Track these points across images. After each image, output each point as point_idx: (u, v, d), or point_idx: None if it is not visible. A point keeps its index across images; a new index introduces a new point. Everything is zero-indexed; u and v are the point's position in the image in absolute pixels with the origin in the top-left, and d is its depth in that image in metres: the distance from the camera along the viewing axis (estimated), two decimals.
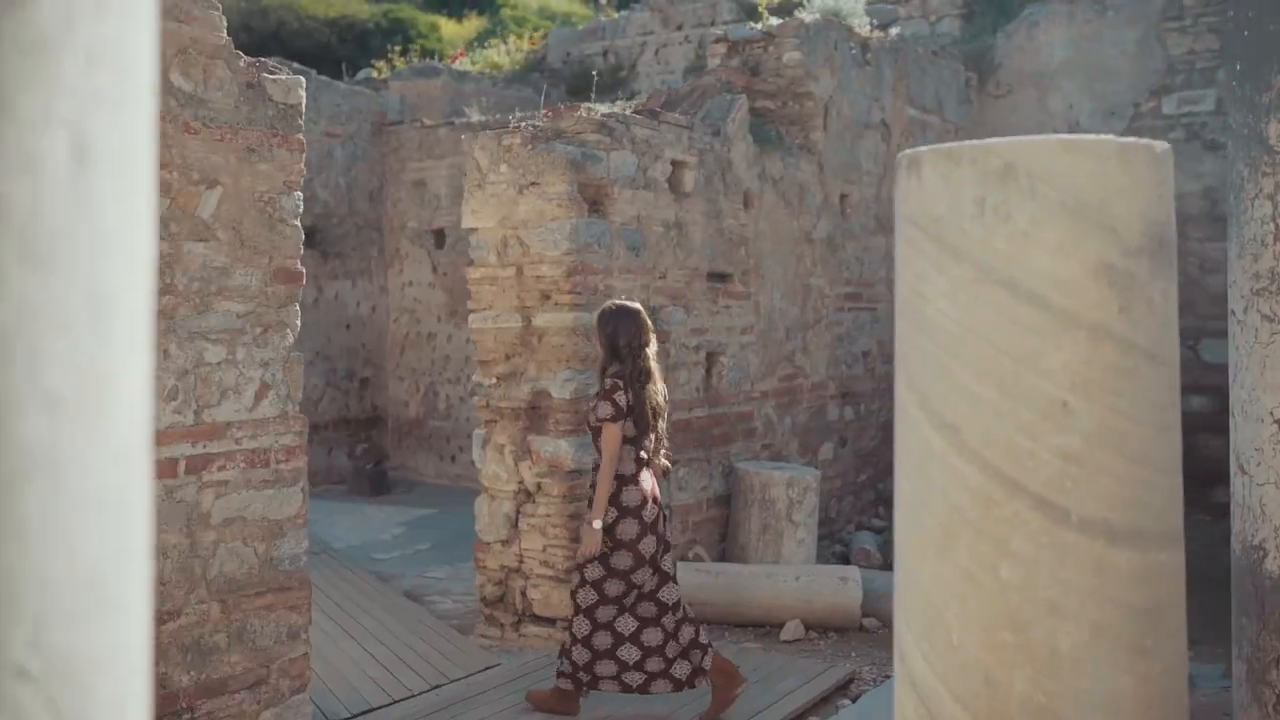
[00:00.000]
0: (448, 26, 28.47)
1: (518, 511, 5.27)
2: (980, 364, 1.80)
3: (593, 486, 4.23)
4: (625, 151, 5.43)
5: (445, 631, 5.41)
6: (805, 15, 7.15)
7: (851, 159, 7.44)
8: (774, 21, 7.17)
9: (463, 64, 13.68)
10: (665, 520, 4.29)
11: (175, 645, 3.43)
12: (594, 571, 4.16)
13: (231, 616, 3.59)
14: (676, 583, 4.31)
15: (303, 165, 3.80)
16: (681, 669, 4.19)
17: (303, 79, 3.83)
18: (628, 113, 5.61)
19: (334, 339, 10.27)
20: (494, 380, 5.32)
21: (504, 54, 13.81)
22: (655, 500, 4.22)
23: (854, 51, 7.42)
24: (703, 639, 4.28)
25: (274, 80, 3.72)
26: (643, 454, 4.20)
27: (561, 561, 5.13)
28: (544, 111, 5.61)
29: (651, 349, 4.26)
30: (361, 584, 6.29)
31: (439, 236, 10.11)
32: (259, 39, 30.34)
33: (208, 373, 3.52)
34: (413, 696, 4.48)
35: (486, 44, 15.85)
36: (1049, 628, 1.77)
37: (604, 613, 4.17)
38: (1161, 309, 1.81)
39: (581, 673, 4.18)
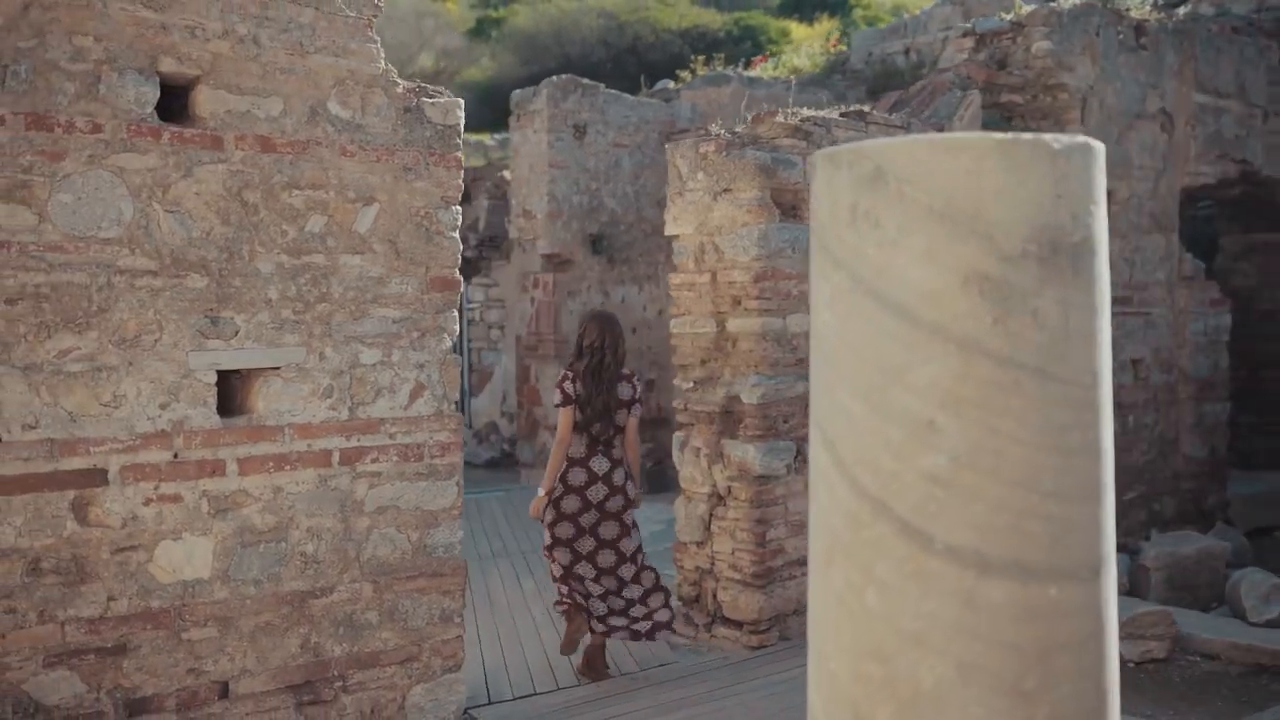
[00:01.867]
0: (799, 30, 28.69)
1: (710, 514, 5.33)
2: (853, 378, 1.72)
3: None
4: None
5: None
6: (1063, 2, 6.69)
7: (1118, 152, 6.87)
8: (1026, 9, 6.76)
9: (764, 69, 13.80)
10: (610, 496, 4.82)
11: (328, 619, 3.80)
12: (546, 536, 4.86)
13: (383, 596, 3.92)
14: (623, 556, 4.87)
15: (460, 181, 4.07)
16: (643, 625, 4.83)
17: (460, 101, 4.10)
18: (832, 115, 5.51)
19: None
20: (691, 384, 5.41)
21: (805, 58, 13.78)
22: (601, 480, 4.80)
23: (1121, 36, 6.84)
24: (661, 584, 4.90)
25: (433, 103, 4.01)
26: (597, 439, 4.81)
27: (749, 565, 5.13)
28: (748, 117, 5.63)
29: (622, 350, 4.90)
30: None
31: None
32: (615, 53, 32.06)
33: (363, 373, 3.86)
34: (576, 686, 4.67)
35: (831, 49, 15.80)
36: (912, 662, 1.67)
37: (560, 560, 4.83)
38: (1055, 320, 1.64)
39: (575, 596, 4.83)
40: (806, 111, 5.48)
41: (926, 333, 1.65)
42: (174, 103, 3.62)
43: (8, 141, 3.18)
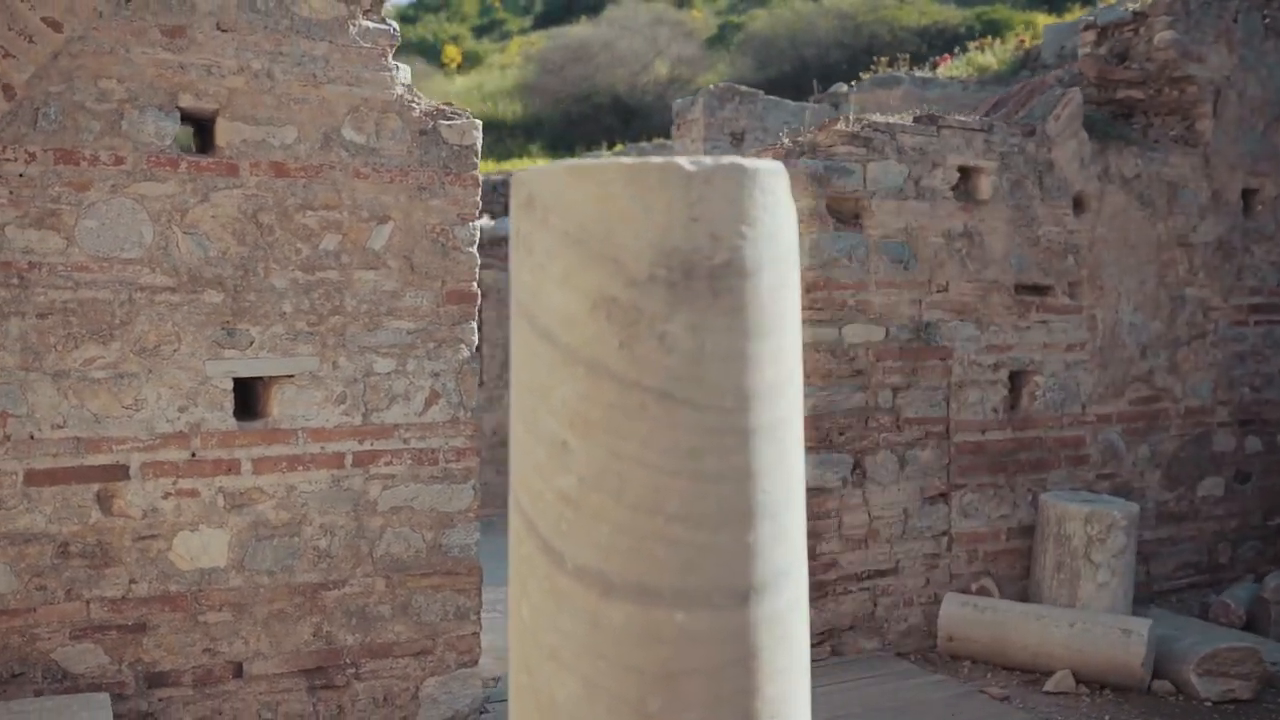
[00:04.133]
0: (1046, 22, 27.56)
1: None
2: (518, 401, 1.79)
3: None
4: (889, 161, 5.21)
5: None
6: None
7: (1261, 148, 6.33)
8: None
9: (948, 69, 13.37)
10: None
11: (340, 609, 4.07)
12: None
13: (396, 591, 4.16)
14: None
15: (478, 199, 4.26)
16: None
17: (478, 122, 4.29)
18: (900, 121, 5.36)
19: None
20: None
21: (991, 55, 13.27)
22: None
23: (1268, 20, 6.30)
24: None
25: (449, 125, 4.22)
26: None
27: None
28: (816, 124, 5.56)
29: None
30: None
31: None
32: (851, 54, 31.82)
33: (377, 381, 4.11)
34: None
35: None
36: (549, 676, 1.73)
37: None
38: (687, 344, 1.65)
39: None
40: (875, 117, 5.36)
41: (563, 356, 1.70)
42: (204, 133, 3.99)
43: (38, 175, 3.61)
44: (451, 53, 44.92)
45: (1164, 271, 6.05)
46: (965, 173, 5.48)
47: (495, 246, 9.62)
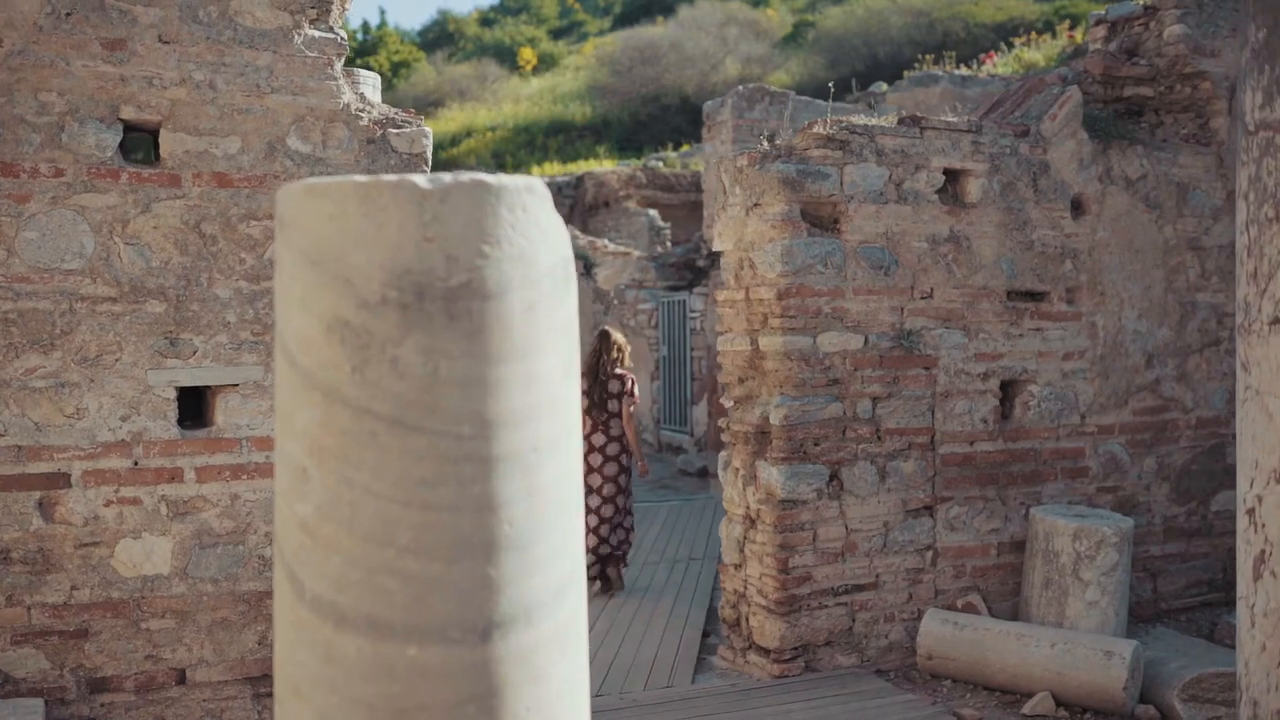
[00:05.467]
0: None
1: (745, 536, 5.21)
2: (278, 423, 1.74)
3: None
4: (868, 164, 5.07)
5: (690, 646, 5.52)
6: None
7: None
8: None
9: (995, 66, 13.06)
10: (605, 462, 6.72)
11: None
12: None
13: None
14: (617, 507, 6.71)
15: None
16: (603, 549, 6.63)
17: (428, 130, 4.26)
18: (879, 123, 5.22)
19: None
20: (732, 403, 5.30)
21: (1038, 51, 12.93)
22: (598, 450, 6.72)
23: None
24: (623, 526, 6.71)
25: (399, 134, 4.20)
26: (597, 421, 6.69)
27: (772, 592, 4.98)
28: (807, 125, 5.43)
29: (614, 355, 6.81)
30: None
31: None
32: (924, 51, 31.49)
33: None
34: None
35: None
36: (294, 709, 1.69)
37: None
38: (420, 369, 1.59)
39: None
40: (855, 119, 5.23)
41: (302, 380, 1.66)
42: (153, 143, 4.02)
43: None
44: (527, 55, 45.25)
45: (1173, 276, 5.81)
46: (952, 175, 5.32)
47: None
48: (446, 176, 1.61)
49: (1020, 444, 5.45)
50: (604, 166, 21.89)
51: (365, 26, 41.03)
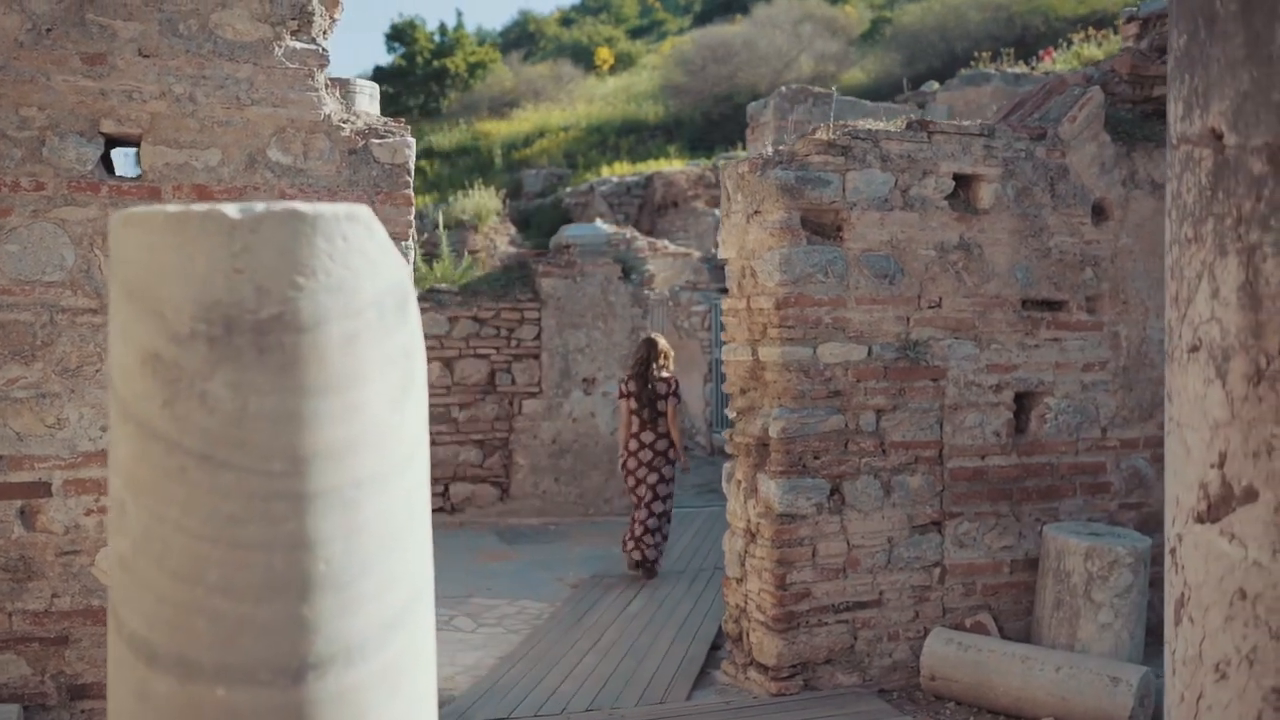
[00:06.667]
0: None
1: (746, 550, 5.11)
2: (109, 459, 1.72)
3: None
4: (872, 170, 4.94)
5: (693, 660, 5.43)
6: None
7: None
8: None
9: (1052, 63, 12.73)
10: (655, 457, 7.27)
11: None
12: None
13: None
14: (656, 494, 7.24)
15: (410, 217, 4.22)
16: (635, 554, 7.18)
17: (411, 141, 4.24)
18: (884, 128, 5.08)
19: None
20: (735, 414, 5.21)
21: (1102, 47, 12.56)
22: (648, 447, 7.26)
23: None
24: (658, 529, 7.20)
25: (381, 144, 4.19)
26: (645, 421, 7.26)
27: (770, 608, 4.87)
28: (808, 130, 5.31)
29: (660, 361, 7.29)
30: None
31: None
32: (1004, 44, 30.96)
33: None
34: (557, 715, 4.67)
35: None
36: None
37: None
38: (229, 404, 1.55)
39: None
40: (859, 124, 5.10)
41: (121, 412, 1.63)
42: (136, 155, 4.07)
43: None
44: (604, 55, 45.34)
45: None
46: (962, 180, 5.16)
47: (555, 254, 9.61)
48: (257, 207, 1.57)
49: (1036, 458, 5.27)
50: (673, 166, 21.83)
51: (442, 28, 41.40)
